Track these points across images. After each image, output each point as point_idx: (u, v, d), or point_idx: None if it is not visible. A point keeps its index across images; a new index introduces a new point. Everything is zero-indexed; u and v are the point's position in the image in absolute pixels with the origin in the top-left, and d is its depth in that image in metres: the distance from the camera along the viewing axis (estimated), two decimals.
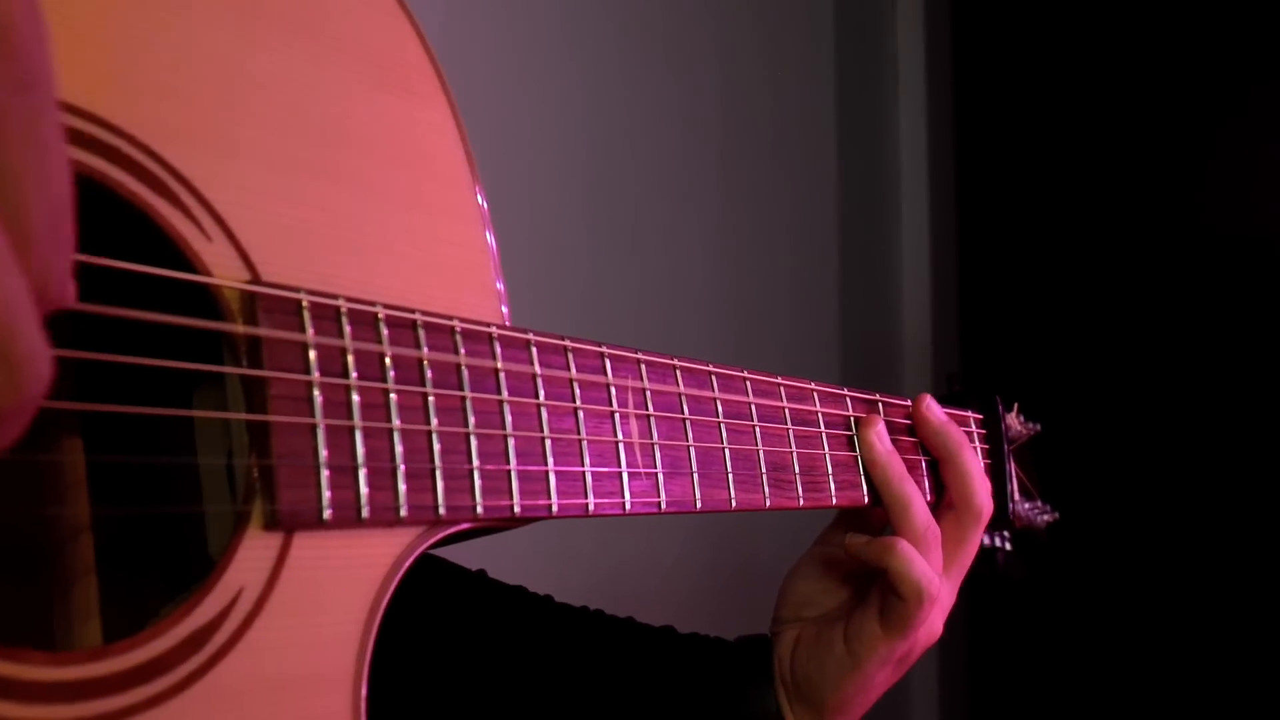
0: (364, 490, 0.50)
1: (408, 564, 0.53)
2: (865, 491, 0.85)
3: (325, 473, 0.49)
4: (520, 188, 1.58)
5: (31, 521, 0.51)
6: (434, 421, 0.54)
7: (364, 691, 0.50)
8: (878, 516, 0.89)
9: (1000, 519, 1.04)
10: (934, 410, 0.90)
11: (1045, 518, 1.29)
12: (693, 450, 0.70)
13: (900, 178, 2.61)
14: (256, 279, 0.49)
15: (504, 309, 0.61)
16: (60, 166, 0.32)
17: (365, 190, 0.55)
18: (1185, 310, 2.43)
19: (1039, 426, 1.26)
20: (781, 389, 0.80)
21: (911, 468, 0.86)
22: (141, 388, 0.47)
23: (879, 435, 0.85)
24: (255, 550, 0.47)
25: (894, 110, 2.61)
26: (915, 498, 0.83)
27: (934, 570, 0.82)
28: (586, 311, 1.70)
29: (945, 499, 0.89)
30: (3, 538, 0.50)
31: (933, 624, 0.86)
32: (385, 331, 0.53)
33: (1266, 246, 2.34)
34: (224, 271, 0.48)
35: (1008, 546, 1.16)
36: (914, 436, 0.91)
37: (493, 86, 1.53)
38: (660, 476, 0.67)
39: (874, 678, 0.82)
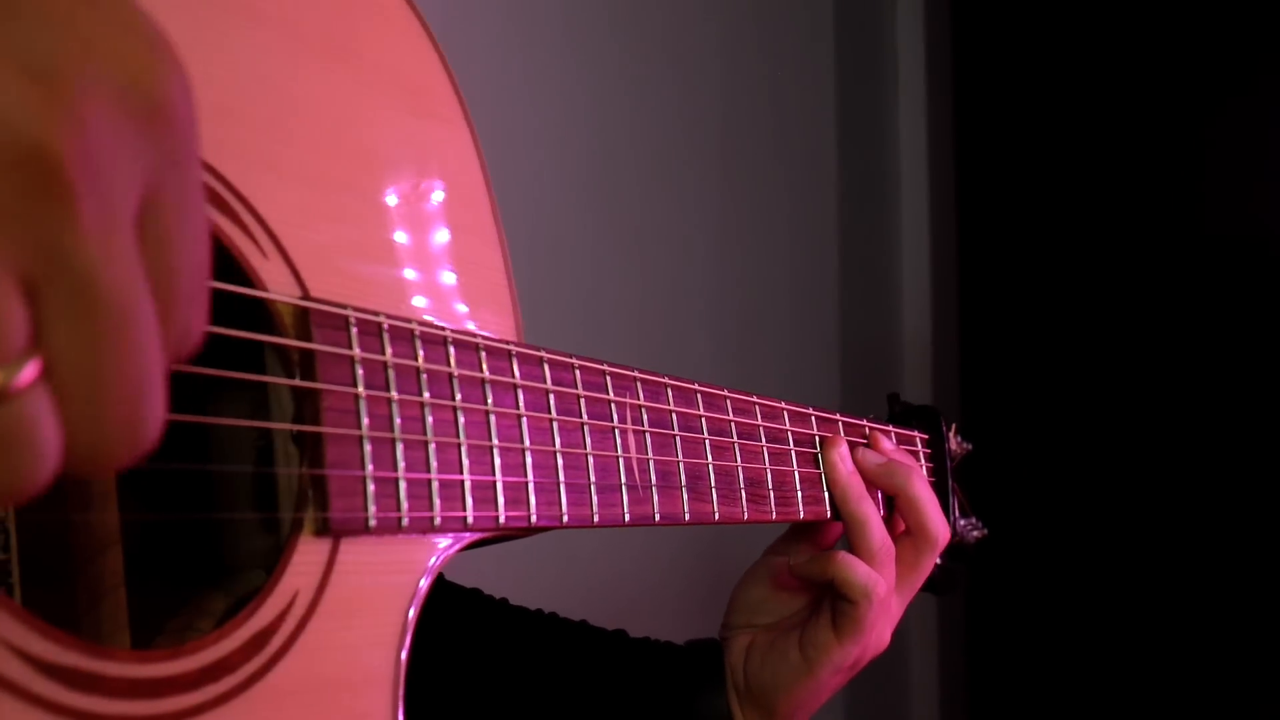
0: (404, 500, 0.52)
1: (438, 569, 0.56)
2: (828, 506, 0.90)
3: (371, 483, 0.51)
4: (520, 187, 1.58)
5: (61, 529, 0.53)
6: (463, 435, 0.56)
7: (401, 691, 0.53)
8: (837, 531, 0.93)
9: None
10: (868, 457, 0.92)
11: (975, 534, 1.34)
12: (681, 465, 0.74)
13: (900, 178, 2.63)
14: (306, 295, 0.51)
15: (518, 326, 0.64)
16: (203, 233, 0.34)
17: (397, 211, 0.58)
18: (1186, 310, 2.46)
19: (971, 446, 1.31)
20: (757, 408, 0.83)
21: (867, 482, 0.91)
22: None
23: (841, 456, 0.89)
24: (308, 555, 0.49)
25: (894, 110, 2.63)
26: (872, 517, 0.88)
27: (882, 577, 0.86)
28: (586, 312, 1.71)
29: (897, 524, 0.93)
30: (34, 545, 0.52)
31: (881, 632, 0.90)
32: (420, 348, 0.55)
33: (1266, 246, 2.38)
34: (278, 287, 0.50)
35: (938, 560, 1.20)
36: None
37: (492, 86, 1.53)
38: (654, 490, 0.71)
39: (827, 683, 0.86)
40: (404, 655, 0.53)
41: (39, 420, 0.29)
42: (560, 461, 0.63)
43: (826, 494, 0.89)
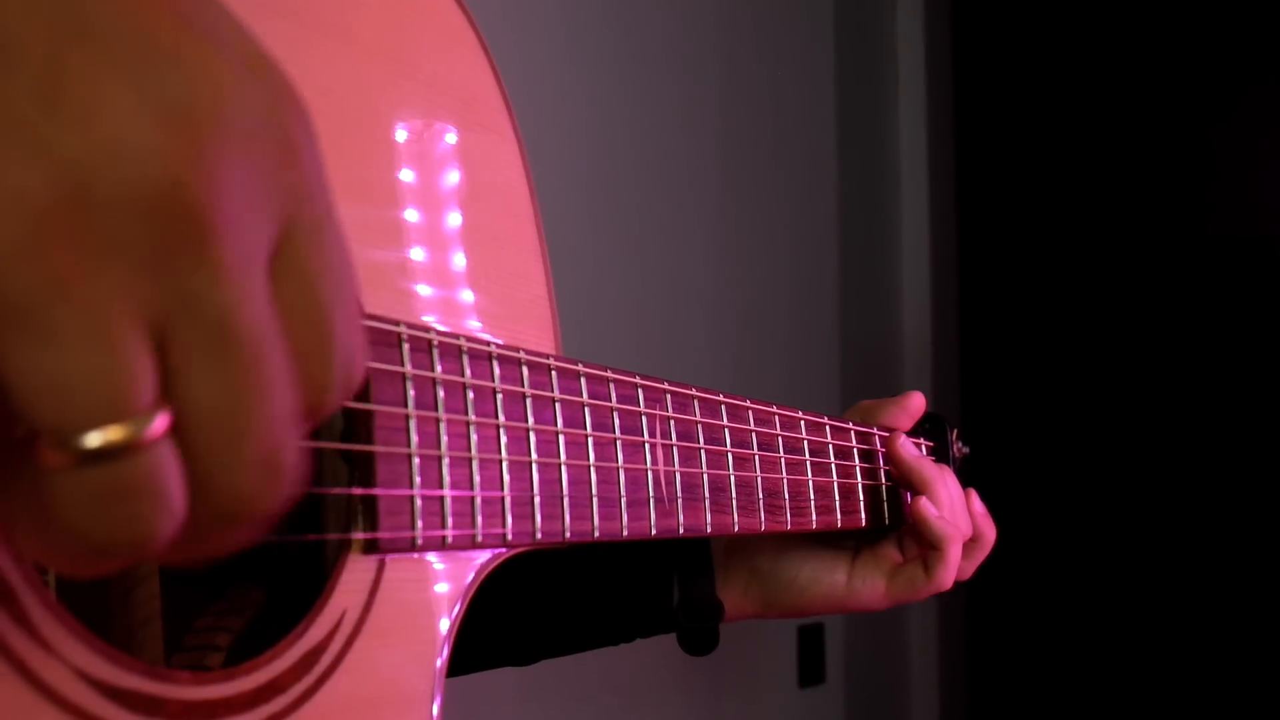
0: (449, 518, 0.52)
1: (477, 585, 0.56)
2: (839, 516, 0.90)
3: (419, 502, 0.51)
4: None
5: None
6: (504, 451, 0.56)
7: (439, 706, 0.53)
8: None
9: None
10: (907, 448, 0.96)
11: None
12: (706, 478, 0.74)
13: (900, 178, 2.64)
14: (361, 312, 0.51)
15: (558, 341, 0.64)
16: (345, 266, 0.33)
17: (448, 223, 0.57)
18: (1186, 310, 2.47)
19: (969, 450, 1.32)
20: (777, 418, 0.84)
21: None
22: None
23: (903, 445, 0.95)
24: (356, 574, 0.49)
25: (894, 110, 2.63)
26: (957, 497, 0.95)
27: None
28: (586, 312, 1.71)
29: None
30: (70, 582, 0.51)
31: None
32: (467, 362, 0.55)
33: (1266, 246, 2.39)
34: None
35: None
36: (868, 462, 0.96)
37: None
38: (680, 503, 0.71)
39: (848, 608, 0.94)
40: (440, 671, 0.53)
41: (166, 473, 0.29)
42: (594, 476, 0.63)
43: (837, 502, 0.90)
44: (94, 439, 0.28)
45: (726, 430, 0.77)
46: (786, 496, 0.84)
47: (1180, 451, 2.46)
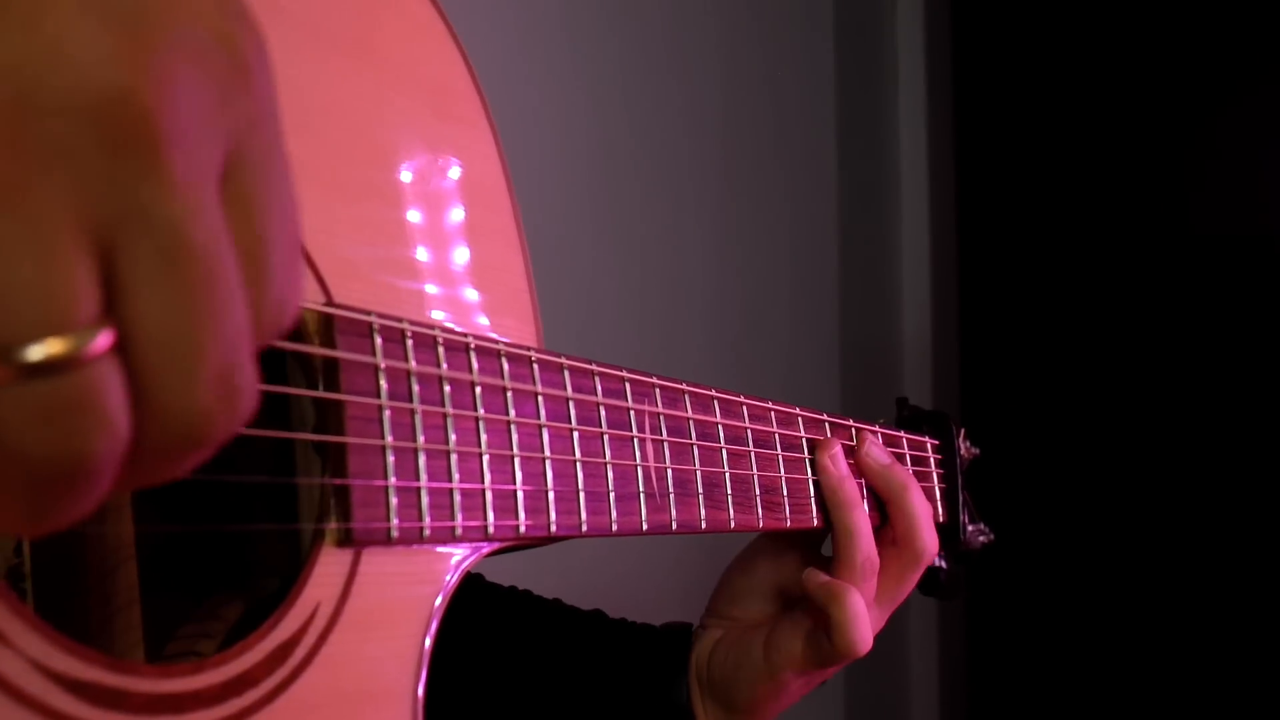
0: (426, 511, 0.52)
1: (458, 579, 0.55)
2: (815, 514, 0.87)
3: (394, 494, 0.50)
4: (519, 187, 1.58)
5: (75, 543, 0.52)
6: (485, 444, 0.55)
7: (420, 700, 0.52)
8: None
9: (952, 543, 1.07)
10: (873, 455, 0.90)
11: (982, 539, 1.34)
12: (699, 474, 0.73)
13: (900, 178, 2.63)
14: (330, 301, 0.50)
15: (539, 332, 0.63)
16: (290, 198, 0.32)
17: (421, 214, 0.57)
18: (1186, 310, 2.45)
19: (979, 451, 1.31)
20: (773, 414, 0.83)
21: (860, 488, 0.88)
22: None
23: (833, 458, 0.85)
24: (330, 567, 0.48)
25: (894, 110, 2.63)
26: (861, 528, 0.84)
27: (869, 600, 0.83)
28: (587, 311, 1.70)
29: (889, 534, 0.90)
30: (48, 562, 0.51)
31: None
32: (443, 354, 0.54)
33: (1266, 246, 2.38)
34: (305, 294, 0.49)
35: (944, 565, 1.20)
36: None
37: (491, 86, 1.53)
38: (672, 498, 0.70)
39: (788, 687, 0.83)
40: (425, 666, 0.52)
41: (109, 390, 0.28)
42: (580, 470, 0.62)
43: (814, 500, 0.87)
44: (35, 352, 0.27)
45: (720, 426, 0.76)
46: (785, 494, 0.83)
47: (1181, 452, 2.45)
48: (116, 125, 0.27)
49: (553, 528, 0.59)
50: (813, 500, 0.86)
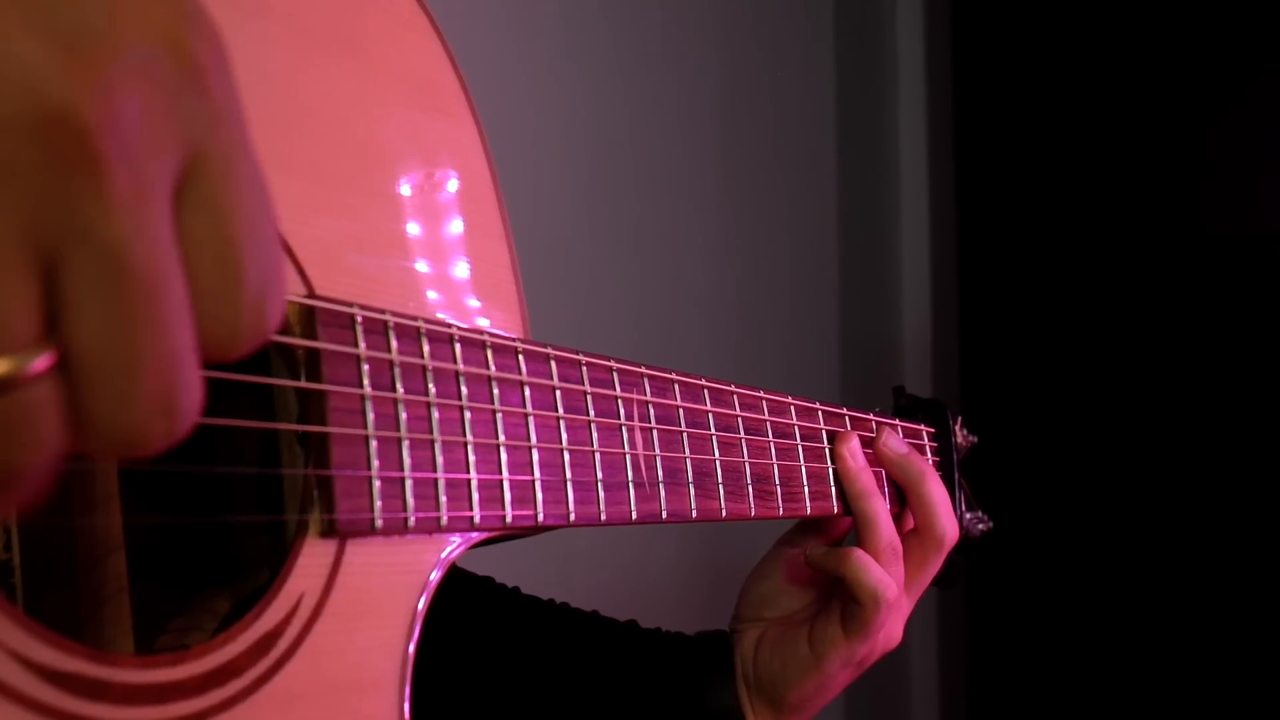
0: (411, 500, 0.52)
1: (444, 570, 0.55)
2: (835, 502, 0.89)
3: (378, 483, 0.50)
4: (519, 186, 1.58)
5: (64, 534, 0.52)
6: (469, 434, 0.56)
7: (407, 692, 0.52)
8: (846, 524, 0.92)
9: None
10: (891, 445, 0.93)
11: (981, 526, 1.34)
12: (689, 462, 0.73)
13: (900, 178, 2.62)
14: (312, 293, 0.50)
15: (525, 323, 0.63)
16: (260, 195, 0.32)
17: (404, 207, 0.57)
18: (1186, 308, 2.44)
19: (976, 438, 1.31)
20: (764, 403, 0.83)
21: (877, 478, 0.90)
22: None
23: (852, 451, 0.88)
24: (313, 558, 0.49)
25: (894, 110, 2.62)
26: (881, 514, 0.87)
27: (892, 579, 0.86)
28: (586, 311, 1.70)
29: (909, 522, 0.92)
30: (37, 551, 0.51)
31: (891, 630, 0.89)
32: (426, 346, 0.54)
33: (1267, 246, 2.37)
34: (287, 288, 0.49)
35: None
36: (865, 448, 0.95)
37: (491, 86, 1.53)
38: (662, 487, 0.70)
39: (835, 678, 0.85)
40: (410, 655, 0.53)
41: (45, 412, 0.28)
42: (567, 459, 0.62)
43: (834, 489, 0.89)
44: None
45: (710, 415, 0.76)
46: (778, 482, 0.83)
47: (1181, 451, 2.44)
48: (58, 144, 0.27)
49: (540, 517, 0.60)
50: (832, 488, 0.87)
